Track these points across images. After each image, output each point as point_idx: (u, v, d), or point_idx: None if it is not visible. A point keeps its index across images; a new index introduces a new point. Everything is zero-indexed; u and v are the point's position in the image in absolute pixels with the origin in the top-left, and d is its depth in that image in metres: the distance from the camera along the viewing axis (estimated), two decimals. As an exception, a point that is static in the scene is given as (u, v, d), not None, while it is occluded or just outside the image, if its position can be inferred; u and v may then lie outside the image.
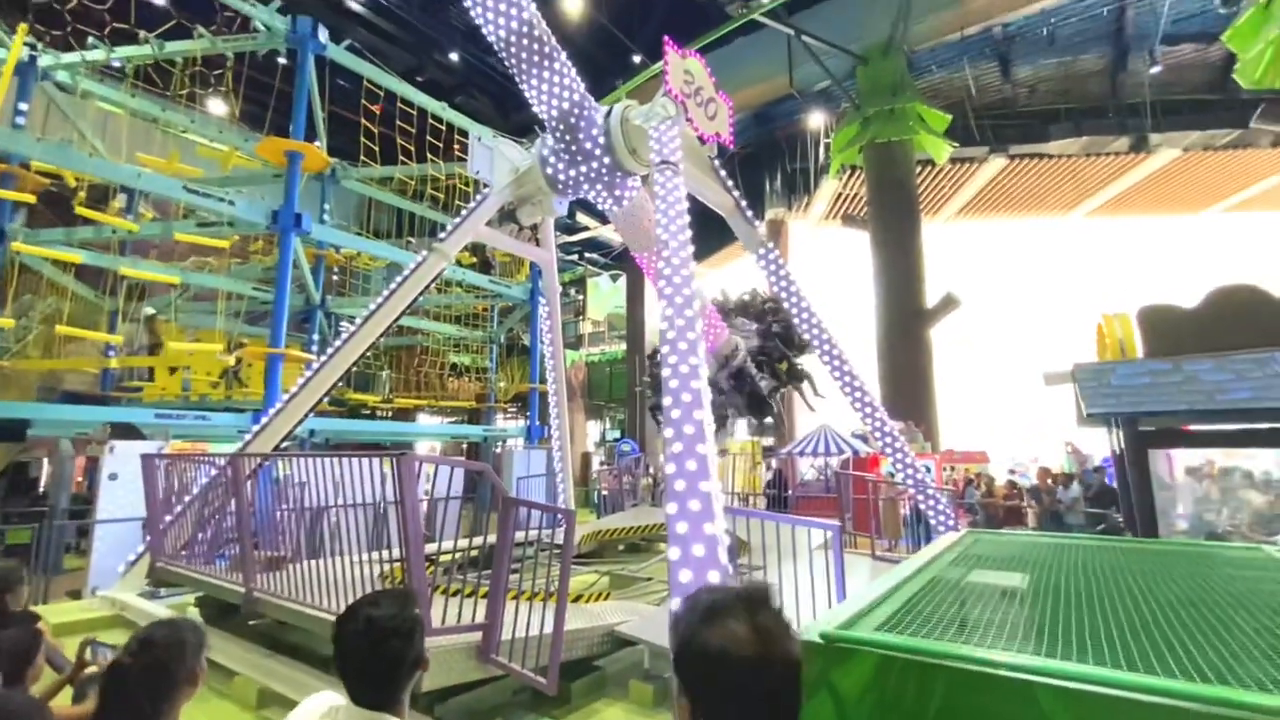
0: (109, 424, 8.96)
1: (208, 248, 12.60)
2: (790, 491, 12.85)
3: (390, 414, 24.22)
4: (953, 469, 15.90)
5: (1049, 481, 10.34)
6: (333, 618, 4.06)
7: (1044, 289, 30.07)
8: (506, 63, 6.89)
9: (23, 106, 12.07)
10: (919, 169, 19.98)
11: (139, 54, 11.71)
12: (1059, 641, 1.59)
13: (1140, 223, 27.31)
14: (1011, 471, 15.48)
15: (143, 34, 11.16)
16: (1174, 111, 19.53)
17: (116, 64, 12.49)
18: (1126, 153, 20.76)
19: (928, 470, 11.22)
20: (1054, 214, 26.77)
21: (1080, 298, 25.57)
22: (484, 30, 6.83)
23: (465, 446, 25.53)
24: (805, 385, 9.44)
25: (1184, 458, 7.15)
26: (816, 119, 22.46)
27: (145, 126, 13.53)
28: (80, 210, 9.57)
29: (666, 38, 6.97)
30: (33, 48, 11.94)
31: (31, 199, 9.05)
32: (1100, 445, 10.49)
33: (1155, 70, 17.79)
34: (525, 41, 6.68)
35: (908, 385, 16.91)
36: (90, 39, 12.02)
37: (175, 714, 1.67)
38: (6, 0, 10.93)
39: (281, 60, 14.82)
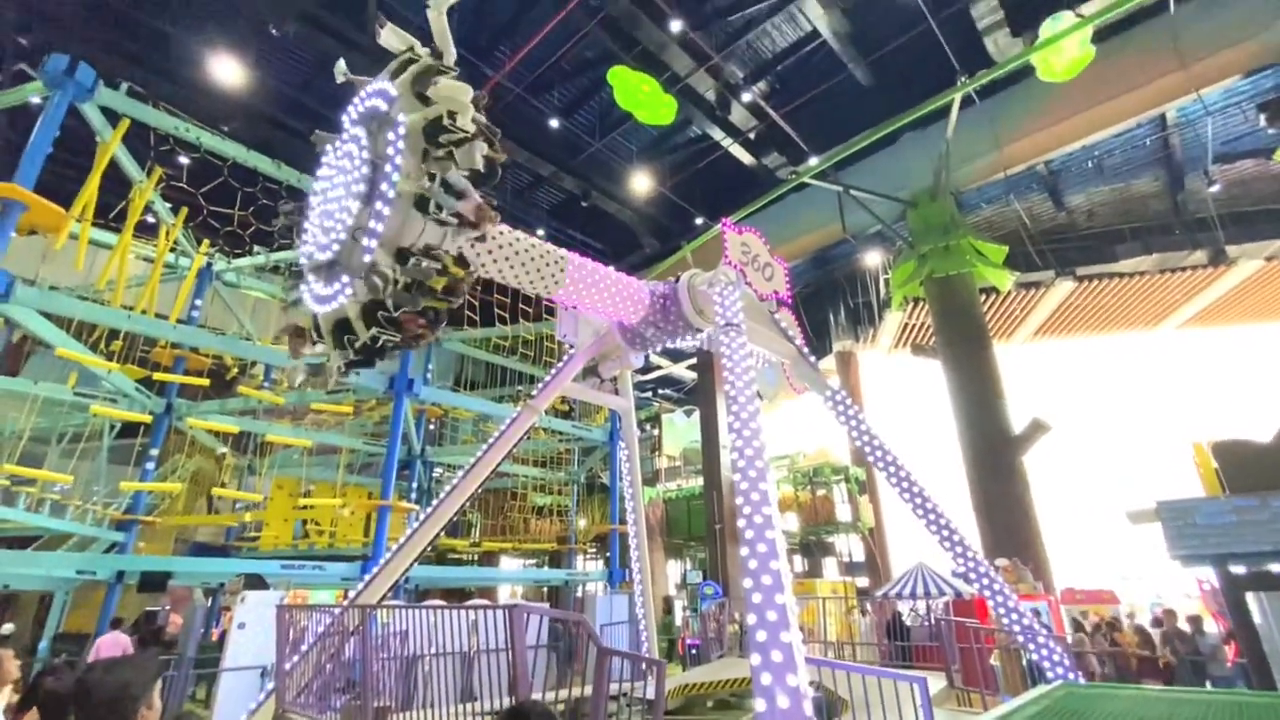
0: (243, 575, 9.93)
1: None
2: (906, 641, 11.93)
3: (476, 558, 24.70)
4: (1082, 614, 14.30)
5: (1175, 625, 9.14)
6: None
7: (1151, 407, 28.02)
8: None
9: (197, 302, 14.75)
10: (984, 296, 20.13)
11: (293, 256, 14.30)
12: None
13: (1242, 332, 25.65)
14: (1149, 621, 13.63)
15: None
16: (1247, 222, 19.15)
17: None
18: (1205, 266, 20.19)
19: (1038, 614, 10.27)
20: (1141, 329, 25.69)
21: (1191, 415, 23.65)
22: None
23: (546, 591, 25.32)
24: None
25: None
26: (873, 257, 23.45)
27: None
28: (242, 389, 11.34)
29: (724, 220, 8.02)
30: (210, 256, 14.86)
31: (206, 382, 10.88)
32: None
33: (1215, 189, 17.82)
34: None
35: (1006, 518, 15.83)
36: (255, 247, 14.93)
37: None
38: (197, 223, 13.77)
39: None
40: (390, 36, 4.66)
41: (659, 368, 33.14)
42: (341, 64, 4.74)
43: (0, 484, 11.84)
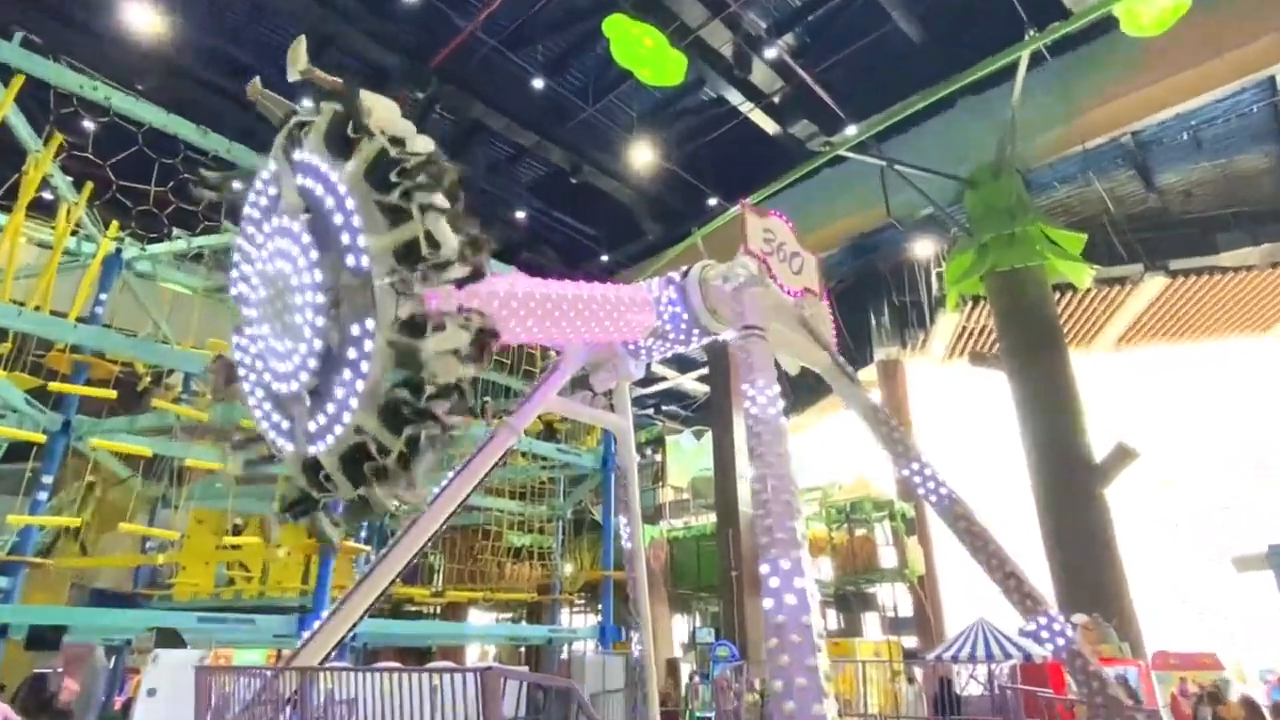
0: (154, 629, 9.86)
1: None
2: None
3: (438, 610, 24.60)
4: (1182, 680, 14.19)
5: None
6: None
7: (1259, 430, 28.01)
8: None
9: (103, 297, 14.75)
10: (1057, 294, 20.21)
11: (219, 242, 14.35)
12: None
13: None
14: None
15: (225, 225, 13.81)
16: (1377, 208, 19.28)
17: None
18: (1325, 260, 20.32)
19: (1125, 682, 10.25)
20: (1247, 334, 25.78)
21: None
22: None
23: (524, 651, 25.21)
24: None
25: None
26: (924, 247, 23.54)
27: (213, 304, 16.13)
28: (157, 402, 11.34)
29: (743, 201, 8.06)
30: (119, 240, 14.88)
31: (113, 395, 10.88)
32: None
33: (1337, 167, 17.93)
34: None
35: (1085, 564, 15.82)
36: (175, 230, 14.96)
37: None
38: (104, 201, 13.79)
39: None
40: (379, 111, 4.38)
41: (663, 379, 33.17)
42: (301, 48, 4.19)
43: None
